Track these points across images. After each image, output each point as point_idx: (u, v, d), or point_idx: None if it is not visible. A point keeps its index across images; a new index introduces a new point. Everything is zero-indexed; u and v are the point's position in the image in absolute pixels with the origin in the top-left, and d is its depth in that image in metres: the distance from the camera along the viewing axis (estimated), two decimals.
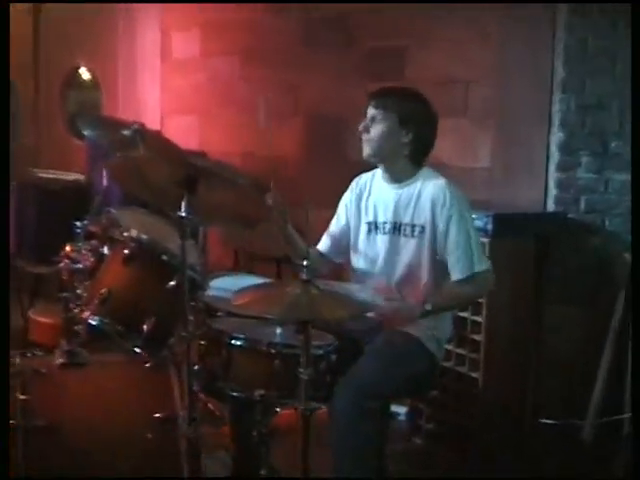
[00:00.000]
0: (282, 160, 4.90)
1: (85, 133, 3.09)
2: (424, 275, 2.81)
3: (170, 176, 2.40)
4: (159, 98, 5.62)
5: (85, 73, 6.16)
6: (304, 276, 2.22)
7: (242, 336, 2.52)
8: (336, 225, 3.04)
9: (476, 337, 3.50)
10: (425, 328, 2.81)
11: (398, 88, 2.96)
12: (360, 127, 2.84)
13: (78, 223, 3.06)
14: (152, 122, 5.55)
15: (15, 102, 6.92)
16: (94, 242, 2.79)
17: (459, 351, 3.58)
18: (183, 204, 2.34)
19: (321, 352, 2.56)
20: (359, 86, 4.12)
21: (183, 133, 5.49)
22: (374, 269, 2.89)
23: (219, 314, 2.77)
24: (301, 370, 2.25)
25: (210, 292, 2.90)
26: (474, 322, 3.49)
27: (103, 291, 2.49)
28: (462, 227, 2.75)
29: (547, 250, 3.61)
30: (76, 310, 2.58)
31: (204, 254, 3.63)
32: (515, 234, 3.51)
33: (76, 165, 5.48)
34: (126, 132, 3.09)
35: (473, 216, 3.35)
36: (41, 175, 5.39)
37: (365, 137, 2.83)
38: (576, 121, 3.62)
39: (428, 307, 2.70)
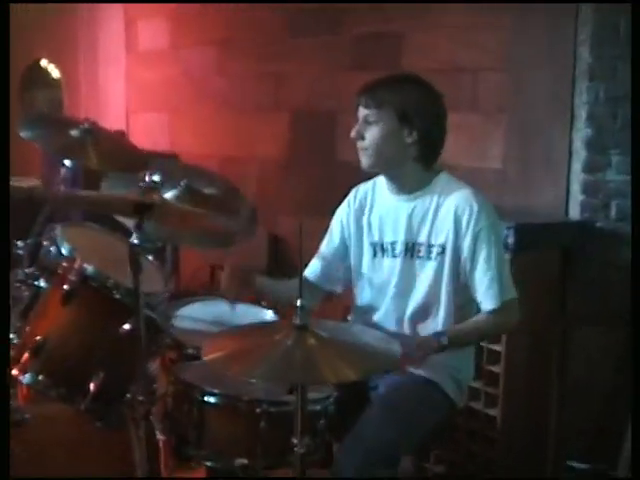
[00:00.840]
0: (265, 163, 4.40)
1: (26, 136, 2.52)
2: (443, 306, 2.31)
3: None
4: (124, 93, 5.06)
5: (45, 67, 5.61)
6: (298, 320, 1.70)
7: (217, 391, 1.99)
8: (328, 246, 2.52)
9: (494, 369, 2.99)
10: (444, 369, 2.32)
11: (391, 77, 2.38)
12: (352, 133, 2.30)
13: (19, 243, 2.54)
14: (116, 120, 5.02)
15: None
16: (31, 270, 2.24)
17: (473, 384, 3.07)
18: (134, 229, 1.80)
19: (318, 408, 2.05)
20: (349, 78, 3.61)
21: (151, 132, 4.97)
22: (381, 300, 2.38)
23: (189, 351, 2.26)
24: (295, 441, 1.73)
25: (178, 323, 2.43)
26: (491, 351, 2.99)
27: (37, 339, 1.95)
28: (493, 247, 2.26)
29: (571, 265, 3.10)
30: None
31: (173, 275, 3.09)
32: (536, 247, 3.01)
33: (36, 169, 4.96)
34: (74, 133, 2.59)
35: None
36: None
37: (360, 145, 2.30)
38: (605, 114, 3.11)
39: (444, 341, 2.19)
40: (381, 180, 2.43)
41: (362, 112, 2.29)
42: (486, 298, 2.24)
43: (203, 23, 4.65)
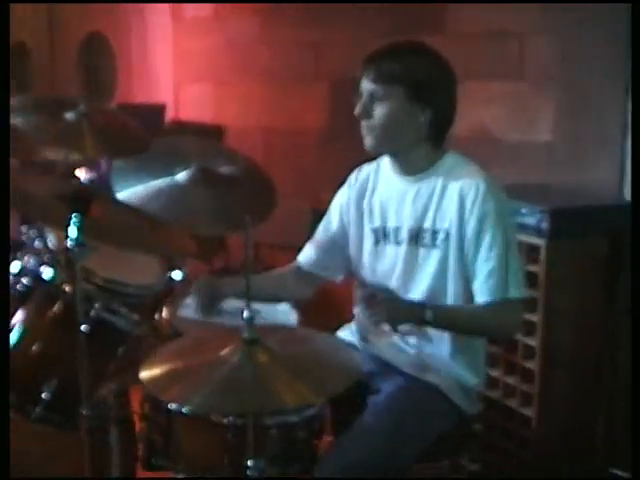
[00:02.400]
0: (306, 135, 4.20)
1: (16, 122, 2.34)
2: (451, 300, 2.06)
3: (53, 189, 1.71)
4: (171, 65, 4.92)
5: (101, 38, 5.53)
6: (246, 334, 1.51)
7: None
8: (325, 231, 2.31)
9: (529, 365, 2.73)
10: (449, 375, 2.10)
11: (399, 46, 2.08)
12: (356, 111, 2.05)
13: (24, 229, 2.40)
14: (165, 91, 4.91)
15: (28, 70, 6.41)
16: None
17: (508, 380, 2.82)
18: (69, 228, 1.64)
19: (296, 419, 1.86)
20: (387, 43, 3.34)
21: (198, 104, 4.82)
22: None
23: None
24: (249, 464, 1.56)
25: (182, 312, 2.25)
26: (526, 346, 2.73)
27: None
28: (499, 233, 1.99)
29: (623, 252, 2.78)
30: None
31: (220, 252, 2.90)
32: (580, 232, 2.70)
33: None
34: (70, 116, 2.43)
35: (523, 211, 2.62)
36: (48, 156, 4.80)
37: (366, 124, 2.05)
38: None
39: (428, 316, 1.96)
40: (385, 161, 2.19)
41: (368, 86, 2.03)
42: (482, 289, 1.99)
43: None
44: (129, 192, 2.52)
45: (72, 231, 1.71)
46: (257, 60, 4.43)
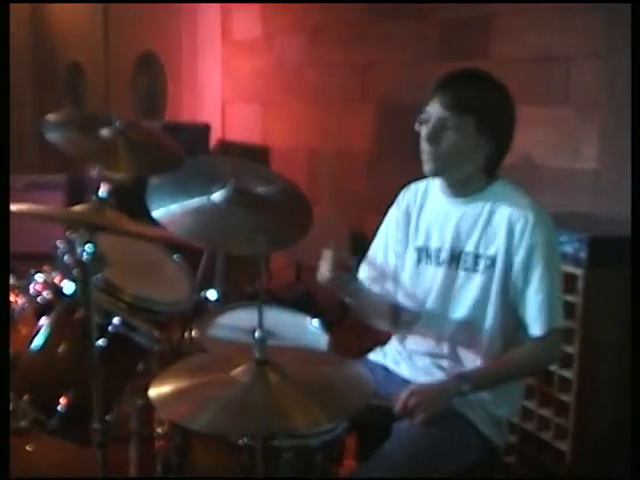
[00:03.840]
0: (350, 156, 4.19)
1: (51, 138, 2.35)
2: (489, 328, 2.04)
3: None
4: (220, 84, 4.97)
5: (153, 58, 5.64)
6: (257, 354, 1.49)
7: None
8: (377, 249, 2.29)
9: (564, 397, 2.65)
10: (479, 403, 2.04)
11: (474, 75, 2.07)
12: (425, 135, 2.01)
13: (59, 243, 2.40)
14: (213, 111, 4.96)
15: (82, 89, 6.55)
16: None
17: (542, 412, 2.74)
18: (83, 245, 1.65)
19: (312, 443, 1.83)
20: (435, 67, 3.31)
21: (245, 123, 4.85)
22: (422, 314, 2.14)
23: None
24: None
25: (213, 330, 2.29)
26: (562, 377, 2.65)
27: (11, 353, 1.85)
28: (549, 265, 1.97)
29: None
30: None
31: (224, 279, 2.93)
32: (619, 262, 2.62)
33: None
34: (105, 133, 2.45)
35: (562, 239, 2.57)
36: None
37: (431, 149, 2.01)
38: None
39: (465, 388, 1.93)
40: (435, 181, 2.17)
41: (439, 112, 2.00)
42: (535, 322, 1.97)
43: (293, 10, 4.48)
44: (164, 211, 2.54)
45: (89, 247, 1.72)
46: (304, 81, 4.46)
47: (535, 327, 1.98)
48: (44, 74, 7.15)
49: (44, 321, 1.89)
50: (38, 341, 1.89)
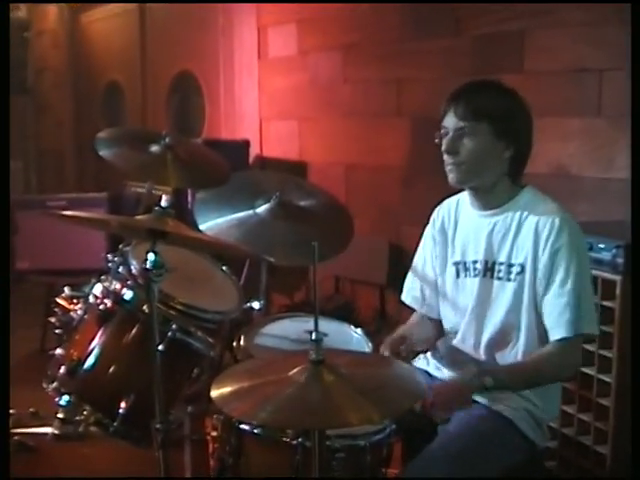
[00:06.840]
0: (387, 171, 4.27)
1: (104, 154, 2.47)
2: (524, 333, 2.11)
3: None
4: (257, 101, 5.08)
5: (189, 77, 5.77)
6: (313, 355, 1.57)
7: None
8: (417, 267, 2.38)
9: (604, 401, 2.70)
10: (520, 404, 2.11)
11: (485, 84, 2.18)
12: (444, 147, 2.11)
13: (110, 257, 2.50)
14: (250, 128, 5.06)
15: (121, 108, 6.70)
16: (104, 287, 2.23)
17: (583, 417, 2.79)
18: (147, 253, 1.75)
19: (362, 444, 1.90)
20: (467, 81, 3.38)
21: (282, 140, 4.95)
22: (461, 324, 2.23)
23: None
24: None
25: (259, 340, 2.38)
26: (602, 382, 2.70)
27: (73, 359, 1.95)
28: (574, 268, 2.01)
29: None
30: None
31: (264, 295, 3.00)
32: None
33: None
34: (155, 149, 2.56)
35: (599, 246, 2.62)
36: (136, 189, 4.98)
37: (452, 160, 2.10)
38: None
39: (489, 382, 1.99)
40: (465, 195, 2.25)
41: (455, 122, 2.09)
42: (557, 325, 2.01)
43: (328, 28, 4.58)
44: (211, 224, 2.65)
45: (151, 255, 1.82)
46: (340, 97, 4.54)
47: (557, 330, 2.01)
48: (83, 94, 7.32)
49: (105, 328, 1.99)
50: (99, 347, 1.99)
